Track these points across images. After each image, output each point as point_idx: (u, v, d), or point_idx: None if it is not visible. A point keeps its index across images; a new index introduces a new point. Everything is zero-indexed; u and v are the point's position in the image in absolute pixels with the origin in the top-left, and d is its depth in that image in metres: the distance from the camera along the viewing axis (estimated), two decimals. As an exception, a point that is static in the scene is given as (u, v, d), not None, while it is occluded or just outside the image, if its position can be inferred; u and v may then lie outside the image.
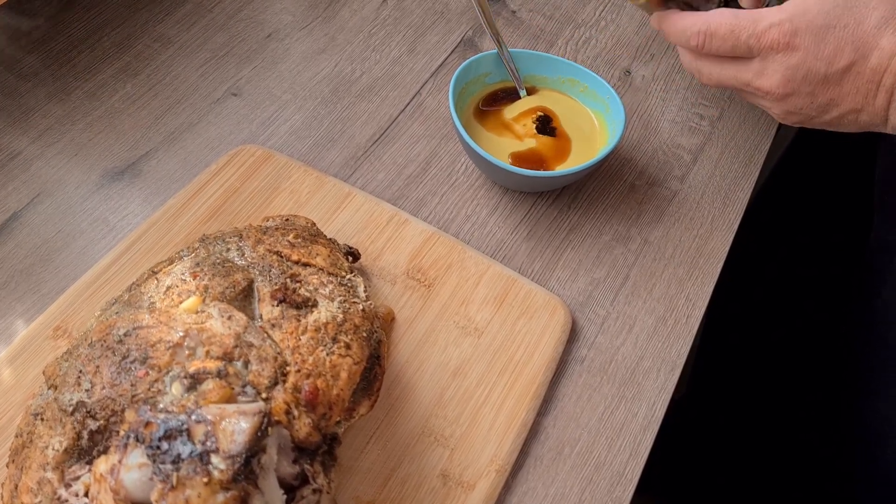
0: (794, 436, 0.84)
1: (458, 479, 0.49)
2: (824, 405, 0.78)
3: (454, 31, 0.78)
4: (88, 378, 0.41)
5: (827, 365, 0.78)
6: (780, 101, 0.50)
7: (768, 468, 0.87)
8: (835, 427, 0.77)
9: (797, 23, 0.47)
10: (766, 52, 0.49)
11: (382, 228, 0.60)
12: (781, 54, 0.48)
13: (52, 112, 0.67)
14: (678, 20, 0.52)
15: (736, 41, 0.49)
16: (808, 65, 0.48)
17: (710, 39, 0.50)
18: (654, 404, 0.55)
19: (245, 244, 0.50)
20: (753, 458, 0.90)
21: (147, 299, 0.45)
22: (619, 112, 0.62)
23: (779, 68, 0.49)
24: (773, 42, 0.48)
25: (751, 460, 0.90)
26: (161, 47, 0.73)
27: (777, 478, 0.86)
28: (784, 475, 0.86)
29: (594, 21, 0.81)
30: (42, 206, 0.61)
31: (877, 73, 0.47)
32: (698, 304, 0.60)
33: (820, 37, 0.47)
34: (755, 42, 0.49)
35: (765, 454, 0.89)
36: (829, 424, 0.78)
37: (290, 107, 0.70)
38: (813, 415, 0.80)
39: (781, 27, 0.48)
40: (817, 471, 0.80)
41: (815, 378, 0.80)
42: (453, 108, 0.61)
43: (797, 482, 0.84)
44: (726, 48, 0.50)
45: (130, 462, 0.35)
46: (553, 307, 0.57)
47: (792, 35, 0.47)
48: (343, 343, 0.44)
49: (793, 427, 0.84)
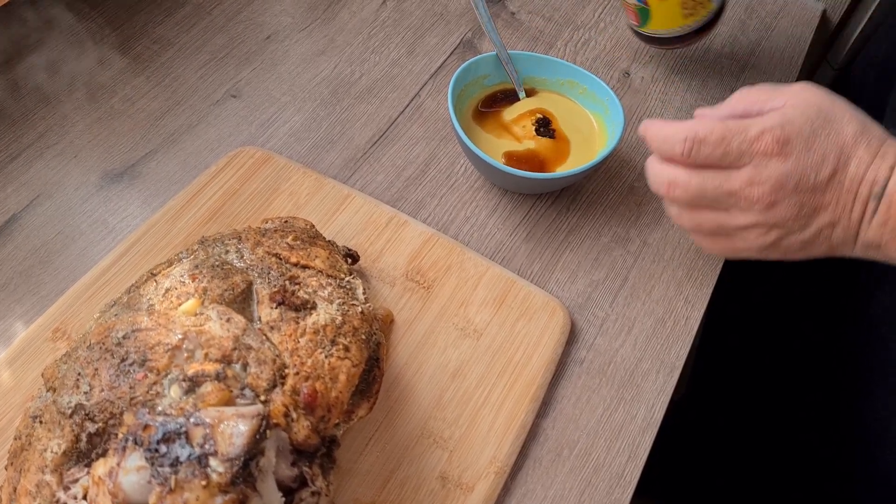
0: (793, 436, 0.84)
1: (457, 480, 0.49)
2: (823, 406, 0.78)
3: (453, 32, 0.78)
4: (87, 380, 0.41)
5: (826, 365, 0.78)
6: (765, 212, 0.49)
7: (768, 469, 0.87)
8: (834, 427, 0.77)
9: (788, 130, 0.48)
10: (759, 159, 0.48)
11: (381, 230, 0.60)
12: (776, 160, 0.48)
13: (52, 114, 0.67)
14: (663, 127, 0.51)
15: (727, 147, 0.48)
16: (799, 172, 0.48)
17: (700, 146, 0.49)
18: (653, 406, 0.55)
19: (244, 246, 0.50)
20: (753, 460, 0.90)
21: (146, 301, 0.45)
22: (619, 114, 0.62)
23: (772, 174, 0.48)
24: (767, 148, 0.48)
25: (750, 461, 0.90)
26: (160, 49, 0.73)
27: (777, 479, 0.86)
28: (784, 476, 0.85)
29: (593, 23, 0.81)
30: (41, 208, 0.61)
31: (854, 183, 0.48)
32: (697, 306, 0.60)
33: (808, 145, 0.48)
34: (747, 148, 0.48)
35: (764, 455, 0.88)
36: (828, 425, 0.78)
37: (289, 108, 0.70)
38: (812, 415, 0.80)
39: (774, 133, 0.48)
40: (817, 471, 0.80)
41: (814, 379, 0.80)
42: (452, 109, 0.61)
43: (797, 483, 0.84)
44: (716, 155, 0.49)
45: (129, 465, 0.35)
46: (552, 309, 0.57)
47: (784, 142, 0.48)
48: (342, 345, 0.44)
49: (792, 428, 0.84)
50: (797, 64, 0.79)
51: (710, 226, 0.52)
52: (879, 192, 0.47)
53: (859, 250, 0.51)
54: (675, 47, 0.72)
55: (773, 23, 0.83)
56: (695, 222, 0.53)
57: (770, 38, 0.81)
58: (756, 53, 0.80)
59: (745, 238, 0.52)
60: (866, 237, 0.49)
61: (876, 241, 0.49)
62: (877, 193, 0.47)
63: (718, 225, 0.52)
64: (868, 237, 0.49)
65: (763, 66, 0.79)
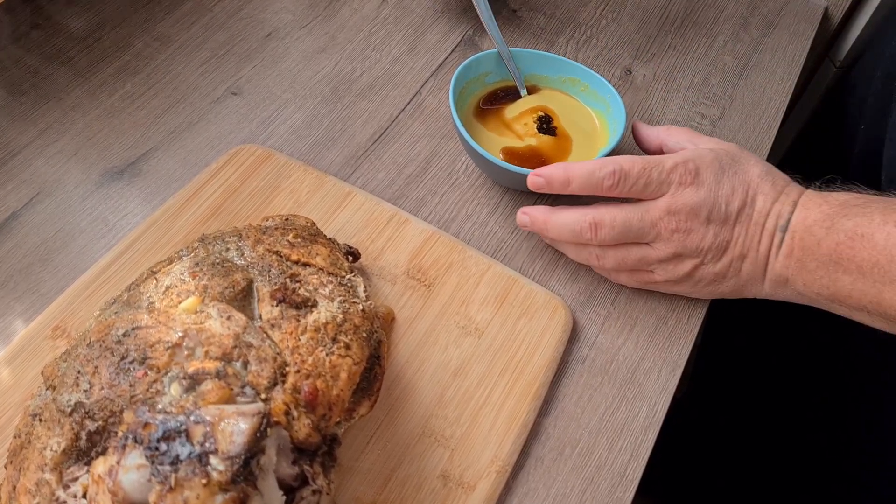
0: (797, 437, 0.84)
1: (458, 479, 0.49)
2: (829, 407, 0.78)
3: (455, 30, 0.78)
4: (87, 378, 0.40)
5: (832, 367, 0.78)
6: (682, 241, 0.53)
7: (771, 470, 0.87)
8: (840, 429, 0.77)
9: (698, 162, 0.53)
10: (674, 188, 0.52)
11: (382, 228, 0.60)
12: (689, 189, 0.52)
13: (52, 111, 0.67)
14: (588, 163, 0.54)
15: (648, 178, 0.52)
16: (711, 201, 0.52)
17: (625, 179, 0.52)
18: (655, 405, 0.55)
19: (244, 244, 0.49)
20: (755, 460, 0.90)
21: (146, 299, 0.45)
22: (620, 111, 0.62)
23: (687, 202, 0.52)
24: (681, 178, 0.52)
25: (753, 462, 0.90)
26: (161, 46, 0.73)
27: (780, 480, 0.86)
28: (787, 477, 0.85)
29: (595, 20, 0.81)
30: (41, 206, 0.61)
31: (762, 216, 0.52)
32: (700, 304, 0.60)
33: (718, 178, 0.52)
34: (665, 178, 0.52)
35: (767, 456, 0.88)
36: (834, 426, 0.78)
37: (290, 106, 0.70)
38: (817, 416, 0.80)
39: (686, 165, 0.52)
40: (821, 473, 0.80)
41: (820, 380, 0.80)
42: (453, 106, 0.60)
43: (801, 484, 0.84)
44: (639, 187, 0.53)
45: (129, 463, 0.35)
46: (554, 307, 0.57)
47: (696, 173, 0.52)
48: (343, 343, 0.44)
49: (796, 429, 0.84)
50: (799, 61, 0.79)
51: (634, 259, 0.55)
52: (784, 225, 0.51)
53: (769, 286, 0.54)
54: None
55: (776, 20, 0.83)
56: (619, 258, 0.56)
57: (772, 36, 0.81)
58: (758, 51, 0.80)
59: (665, 269, 0.55)
60: (774, 270, 0.53)
61: (783, 274, 0.52)
62: (782, 226, 0.51)
63: (641, 257, 0.55)
64: (776, 270, 0.52)
65: (765, 63, 0.78)
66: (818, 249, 0.49)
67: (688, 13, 0.83)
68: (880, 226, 0.47)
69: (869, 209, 0.48)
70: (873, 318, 0.49)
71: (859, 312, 0.49)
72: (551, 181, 0.55)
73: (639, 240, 0.54)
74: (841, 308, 0.51)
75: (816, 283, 0.50)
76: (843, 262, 0.48)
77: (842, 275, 0.48)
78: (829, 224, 0.49)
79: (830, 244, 0.49)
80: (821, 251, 0.49)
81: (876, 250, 0.46)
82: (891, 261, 0.46)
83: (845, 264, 0.48)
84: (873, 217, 0.47)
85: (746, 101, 0.75)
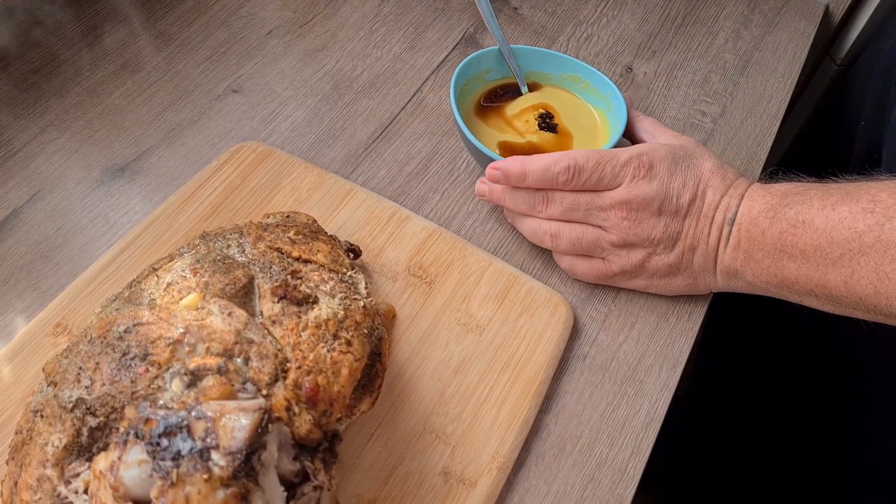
0: (795, 435, 0.84)
1: (459, 476, 0.49)
2: (827, 404, 0.78)
3: (455, 27, 0.78)
4: (88, 375, 0.40)
5: (831, 364, 0.78)
6: (633, 228, 0.54)
7: (769, 467, 0.87)
8: (837, 427, 0.77)
9: (652, 156, 0.54)
10: (629, 181, 0.54)
11: (383, 225, 0.60)
12: (643, 182, 0.53)
13: (53, 109, 0.67)
14: (542, 157, 0.55)
15: (602, 173, 0.54)
16: (663, 194, 0.53)
17: (579, 173, 0.54)
18: (656, 402, 0.55)
19: (245, 241, 0.49)
20: (754, 457, 0.90)
21: (147, 296, 0.45)
22: (621, 108, 0.62)
23: (639, 193, 0.53)
24: (635, 171, 0.53)
25: (752, 459, 0.90)
26: (162, 44, 0.73)
27: (778, 477, 0.86)
28: (785, 474, 0.85)
29: (595, 18, 0.81)
30: (42, 203, 0.61)
31: (711, 209, 0.54)
32: (700, 301, 0.60)
33: (671, 171, 0.54)
34: (619, 171, 0.54)
35: (766, 453, 0.88)
36: (831, 424, 0.78)
37: (290, 103, 0.70)
38: (815, 413, 0.80)
39: (640, 159, 0.54)
40: (818, 470, 0.80)
41: (818, 377, 0.80)
42: (454, 103, 0.60)
43: (798, 482, 0.84)
44: (593, 180, 0.54)
45: (130, 459, 0.35)
46: (555, 304, 0.57)
47: (649, 167, 0.53)
48: (344, 340, 0.44)
49: (794, 426, 0.84)
50: (800, 59, 0.79)
51: (589, 241, 0.56)
52: (732, 218, 0.53)
53: (721, 278, 0.55)
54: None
55: (776, 18, 0.83)
56: (574, 237, 0.56)
57: (773, 33, 0.81)
58: (759, 48, 0.79)
59: (618, 256, 0.56)
60: (723, 262, 0.54)
61: (732, 266, 0.54)
62: (730, 219, 0.53)
63: (595, 239, 0.56)
64: (725, 262, 0.54)
65: (766, 61, 0.78)
66: (763, 239, 0.51)
67: (689, 11, 0.83)
68: (819, 210, 0.48)
69: (808, 196, 0.50)
70: (821, 302, 0.51)
71: (808, 297, 0.51)
72: (508, 174, 0.56)
73: (587, 220, 0.56)
74: (790, 294, 0.52)
75: (764, 273, 0.52)
76: (788, 248, 0.50)
77: (787, 262, 0.50)
78: (773, 214, 0.51)
79: (774, 233, 0.50)
80: (766, 241, 0.51)
81: (817, 234, 0.48)
82: (831, 243, 0.47)
83: (790, 251, 0.50)
84: (812, 203, 0.49)
85: (747, 98, 0.75)
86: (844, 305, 0.49)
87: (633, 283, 0.58)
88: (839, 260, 0.47)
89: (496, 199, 0.59)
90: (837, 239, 0.47)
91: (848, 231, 0.47)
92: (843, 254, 0.47)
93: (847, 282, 0.47)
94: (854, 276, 0.47)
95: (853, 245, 0.46)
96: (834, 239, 0.47)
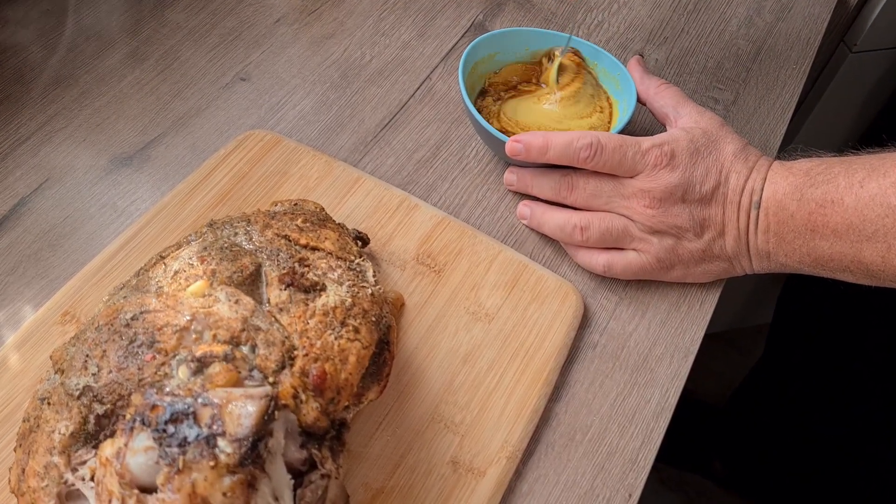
0: (856, 447, 0.85)
1: (468, 465, 0.49)
2: (886, 416, 0.79)
3: (465, 14, 0.77)
4: (95, 362, 0.40)
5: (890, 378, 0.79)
6: (658, 216, 0.54)
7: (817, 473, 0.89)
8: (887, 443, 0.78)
9: (673, 146, 0.54)
10: (650, 170, 0.54)
11: (392, 213, 0.60)
12: (664, 171, 0.53)
13: (60, 97, 0.67)
14: (563, 134, 0.55)
15: (623, 156, 0.54)
16: (686, 182, 0.53)
17: (601, 152, 0.54)
18: (667, 391, 0.55)
19: (253, 228, 0.49)
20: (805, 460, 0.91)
21: (154, 284, 0.45)
22: (630, 89, 0.62)
23: (661, 182, 0.53)
24: (656, 160, 0.53)
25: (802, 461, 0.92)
26: (169, 32, 0.73)
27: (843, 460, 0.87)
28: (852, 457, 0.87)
29: (607, 4, 0.80)
30: (50, 192, 0.61)
31: (736, 194, 0.54)
32: (712, 290, 0.59)
33: (692, 160, 0.54)
34: (640, 159, 0.54)
35: (818, 459, 0.90)
36: (890, 436, 0.78)
37: (298, 91, 0.70)
38: (879, 408, 0.81)
39: (662, 148, 0.54)
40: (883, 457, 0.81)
41: (880, 390, 0.81)
42: (463, 85, 0.60)
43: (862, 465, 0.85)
44: (613, 162, 0.54)
45: (136, 446, 0.35)
46: (565, 292, 0.56)
47: (671, 156, 0.53)
48: (351, 327, 0.44)
49: (855, 437, 0.85)
50: (814, 45, 0.78)
51: (618, 229, 0.56)
52: (758, 202, 0.53)
53: (756, 262, 0.55)
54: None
55: (790, 3, 0.82)
56: (604, 227, 0.56)
57: (786, 19, 0.80)
58: (772, 34, 0.78)
59: (649, 244, 0.55)
60: (756, 246, 0.54)
61: (765, 249, 0.54)
62: (756, 203, 0.53)
63: (624, 227, 0.55)
64: (758, 246, 0.54)
65: (779, 47, 0.77)
66: (792, 222, 0.52)
67: (701, -3, 0.82)
68: (847, 189, 0.49)
69: (832, 174, 0.50)
70: (857, 277, 0.51)
71: (843, 273, 0.52)
72: (530, 147, 0.56)
73: (610, 207, 0.56)
74: (825, 271, 0.53)
75: (797, 252, 0.52)
76: (819, 228, 0.50)
77: (819, 241, 0.51)
78: (799, 196, 0.51)
79: (804, 215, 0.51)
80: (795, 223, 0.51)
81: (848, 213, 0.49)
82: (863, 220, 0.48)
83: (821, 230, 0.50)
84: (838, 181, 0.50)
85: (760, 85, 0.74)
86: (883, 279, 0.50)
87: (671, 275, 0.57)
88: (873, 236, 0.48)
89: (525, 186, 0.59)
90: (870, 216, 0.48)
91: (880, 207, 0.47)
92: (878, 229, 0.47)
93: (885, 256, 0.48)
94: (891, 249, 0.47)
95: (888, 220, 0.47)
96: (867, 216, 0.48)
